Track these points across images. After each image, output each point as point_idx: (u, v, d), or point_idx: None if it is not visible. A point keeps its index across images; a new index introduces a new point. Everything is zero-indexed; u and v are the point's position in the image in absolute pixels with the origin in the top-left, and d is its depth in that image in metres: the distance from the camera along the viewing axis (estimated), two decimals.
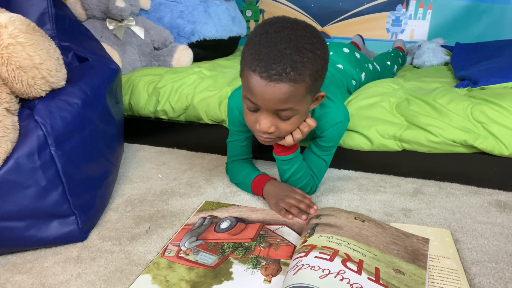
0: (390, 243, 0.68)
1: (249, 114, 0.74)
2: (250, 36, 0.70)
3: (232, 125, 0.94)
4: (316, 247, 0.62)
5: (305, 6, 2.22)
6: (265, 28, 0.68)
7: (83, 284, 0.65)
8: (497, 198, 0.89)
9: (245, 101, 0.73)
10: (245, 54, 0.69)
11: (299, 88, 0.67)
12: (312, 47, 0.67)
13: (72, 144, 0.76)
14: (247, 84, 0.69)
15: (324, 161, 0.90)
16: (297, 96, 0.68)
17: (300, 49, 0.65)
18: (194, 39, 1.64)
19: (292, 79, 0.65)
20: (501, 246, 0.71)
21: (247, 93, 0.70)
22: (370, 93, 1.11)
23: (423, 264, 0.64)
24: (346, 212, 0.76)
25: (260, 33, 0.68)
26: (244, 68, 0.69)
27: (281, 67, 0.64)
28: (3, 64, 0.67)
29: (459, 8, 1.96)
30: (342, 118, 0.85)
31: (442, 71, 1.46)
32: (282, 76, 0.65)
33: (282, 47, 0.65)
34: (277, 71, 0.64)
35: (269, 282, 0.63)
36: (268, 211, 0.85)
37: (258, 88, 0.67)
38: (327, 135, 0.85)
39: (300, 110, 0.72)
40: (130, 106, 1.31)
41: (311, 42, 0.67)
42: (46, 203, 0.72)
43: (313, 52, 0.66)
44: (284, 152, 0.83)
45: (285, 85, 0.65)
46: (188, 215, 0.86)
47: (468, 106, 0.95)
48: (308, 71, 0.66)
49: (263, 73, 0.65)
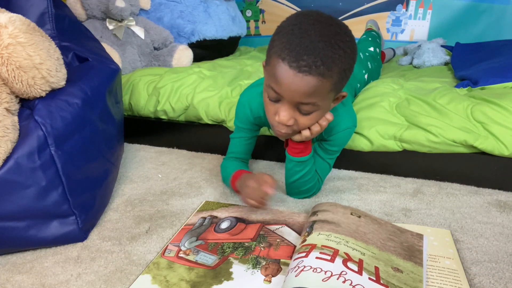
0: (386, 240, 0.68)
1: (270, 104, 0.72)
2: (282, 25, 0.68)
3: (239, 121, 0.92)
4: (316, 246, 0.62)
5: (305, 6, 2.22)
6: (299, 19, 0.66)
7: (83, 284, 0.65)
8: (497, 198, 0.89)
9: (268, 90, 0.71)
10: (275, 42, 0.67)
11: (326, 84, 0.65)
12: (344, 44, 0.65)
13: (72, 144, 0.76)
14: (274, 73, 0.67)
15: (328, 164, 0.89)
16: (322, 91, 0.66)
17: (332, 44, 0.64)
18: (194, 39, 1.64)
19: (321, 73, 0.64)
20: (501, 246, 0.71)
21: (272, 82, 0.68)
22: (370, 93, 1.11)
23: (419, 260, 0.64)
24: (342, 207, 0.76)
25: (293, 23, 0.66)
26: (273, 56, 0.67)
27: (312, 59, 0.63)
28: (3, 64, 0.67)
29: (459, 8, 1.96)
30: (351, 124, 0.85)
31: (442, 71, 1.46)
32: (312, 69, 0.63)
33: (315, 39, 0.63)
34: (307, 63, 0.63)
35: (269, 282, 0.63)
36: (268, 211, 0.85)
37: (286, 78, 0.65)
38: (335, 139, 0.85)
39: (322, 106, 0.70)
40: (130, 106, 1.31)
41: (343, 40, 0.66)
42: (46, 203, 0.72)
43: (344, 50, 0.65)
44: (300, 153, 0.82)
45: (313, 78, 0.64)
46: (188, 215, 0.86)
47: (468, 106, 0.95)
48: (337, 68, 0.65)
49: (293, 63, 0.63)
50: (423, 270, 0.62)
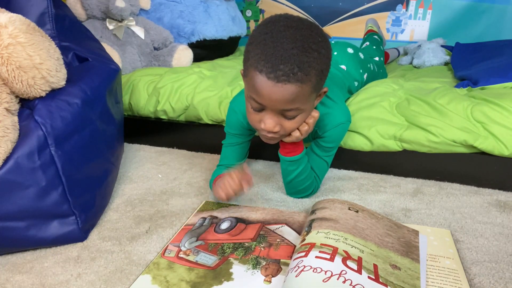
0: (384, 235, 0.69)
1: (253, 113, 0.73)
2: (254, 35, 0.69)
3: (231, 128, 0.91)
4: (315, 245, 0.62)
5: (305, 6, 2.22)
6: (270, 27, 0.67)
7: (83, 284, 0.65)
8: (497, 198, 0.89)
9: (250, 101, 0.72)
10: (250, 54, 0.68)
11: (306, 88, 0.67)
12: (317, 46, 0.66)
13: (72, 144, 0.76)
14: (253, 85, 0.68)
15: (325, 162, 0.89)
16: (303, 95, 0.68)
17: (306, 49, 0.65)
18: (194, 39, 1.64)
19: (299, 79, 0.65)
20: (501, 246, 0.71)
21: (252, 93, 0.69)
22: (370, 93, 1.10)
23: (416, 257, 0.65)
24: (339, 202, 0.76)
25: (264, 32, 0.67)
26: (249, 68, 0.68)
27: (289, 68, 0.64)
28: (3, 64, 0.67)
29: (459, 8, 1.96)
30: (344, 119, 0.85)
31: (442, 71, 1.46)
32: (290, 77, 0.64)
33: (289, 47, 0.64)
34: (284, 72, 0.64)
35: (269, 282, 0.63)
36: (268, 210, 0.85)
37: (265, 89, 0.66)
38: (329, 136, 0.85)
39: (306, 109, 0.72)
40: (130, 106, 1.31)
41: (316, 42, 0.66)
42: (46, 203, 0.72)
43: (318, 52, 0.66)
44: (292, 153, 0.83)
45: (292, 86, 0.65)
46: (188, 215, 0.86)
47: (468, 106, 0.95)
48: (314, 71, 0.66)
49: (270, 74, 0.64)
50: (420, 266, 0.63)
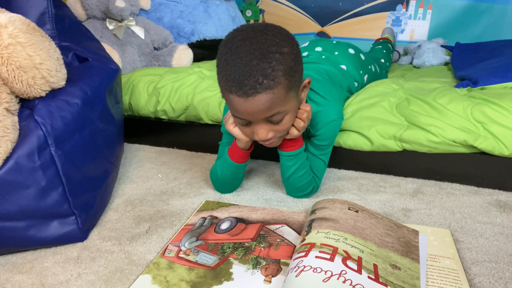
0: (384, 235, 0.68)
1: (244, 128, 0.76)
2: (218, 57, 0.70)
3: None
4: (315, 245, 0.62)
5: (305, 6, 2.23)
6: (228, 45, 0.68)
7: (83, 284, 0.65)
8: (497, 198, 0.89)
9: (235, 119, 0.75)
10: (219, 77, 0.70)
11: (278, 92, 0.67)
12: (276, 47, 0.66)
13: (72, 144, 0.76)
14: (230, 105, 0.70)
15: (322, 161, 0.90)
16: (278, 99, 0.68)
17: (265, 55, 0.65)
18: (194, 39, 1.64)
19: (268, 86, 0.65)
20: (501, 246, 0.71)
21: (233, 112, 0.72)
22: (370, 93, 1.10)
23: (416, 257, 0.65)
24: (339, 202, 0.76)
25: (224, 52, 0.68)
26: (222, 91, 0.71)
27: (253, 80, 0.65)
28: (3, 64, 0.67)
29: (459, 8, 1.96)
30: (336, 116, 0.86)
31: (442, 71, 1.46)
32: (257, 88, 0.65)
33: (247, 59, 0.65)
34: (250, 85, 0.65)
35: (269, 282, 0.63)
36: (268, 210, 0.85)
37: (241, 106, 0.68)
38: (322, 134, 0.86)
39: (289, 109, 0.72)
40: (130, 106, 1.31)
41: (274, 43, 0.66)
42: (46, 203, 0.72)
43: (279, 53, 0.66)
44: (290, 147, 0.83)
45: (263, 95, 0.66)
46: (188, 215, 0.86)
47: (468, 106, 0.95)
48: (280, 72, 0.66)
49: (239, 91, 0.66)
50: (420, 266, 0.63)
